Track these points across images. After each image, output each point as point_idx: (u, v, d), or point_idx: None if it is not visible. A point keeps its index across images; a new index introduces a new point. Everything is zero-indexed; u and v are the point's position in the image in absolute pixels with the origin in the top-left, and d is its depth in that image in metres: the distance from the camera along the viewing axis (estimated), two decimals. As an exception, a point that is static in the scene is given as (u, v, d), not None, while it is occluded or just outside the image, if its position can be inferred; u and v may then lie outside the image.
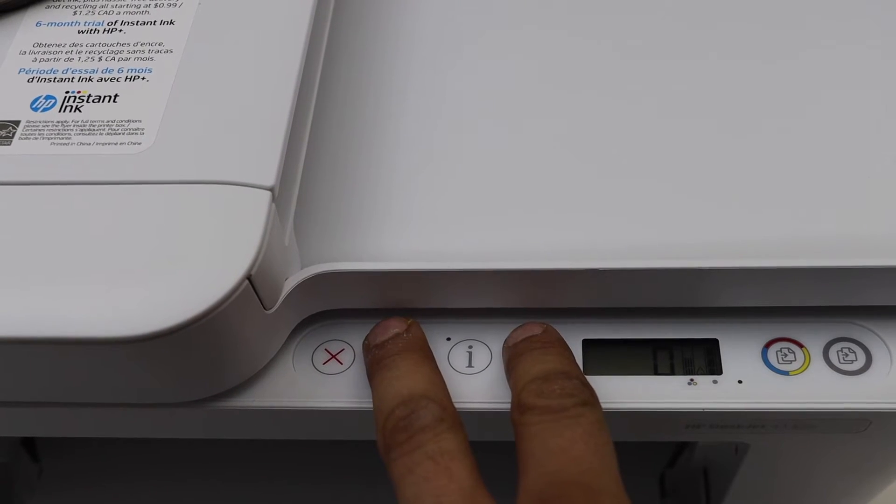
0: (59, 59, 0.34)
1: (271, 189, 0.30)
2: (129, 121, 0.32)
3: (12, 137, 0.32)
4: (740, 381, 0.33)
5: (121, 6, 0.36)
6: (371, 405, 0.32)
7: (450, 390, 0.32)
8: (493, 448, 0.35)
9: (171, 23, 0.35)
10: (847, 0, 0.41)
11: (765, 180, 0.35)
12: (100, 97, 0.33)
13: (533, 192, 0.35)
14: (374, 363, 0.32)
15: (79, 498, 0.53)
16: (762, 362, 0.33)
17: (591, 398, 0.30)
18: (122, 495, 0.52)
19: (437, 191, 0.35)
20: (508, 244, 0.33)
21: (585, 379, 0.31)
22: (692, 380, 0.33)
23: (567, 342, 0.33)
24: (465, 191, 0.35)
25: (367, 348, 0.33)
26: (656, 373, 0.34)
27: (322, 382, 0.34)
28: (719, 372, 0.33)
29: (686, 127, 0.37)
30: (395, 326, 0.33)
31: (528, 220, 0.34)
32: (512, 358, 0.33)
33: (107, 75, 0.33)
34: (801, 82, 0.38)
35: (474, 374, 0.34)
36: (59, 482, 0.53)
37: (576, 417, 0.29)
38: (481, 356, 0.34)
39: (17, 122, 0.32)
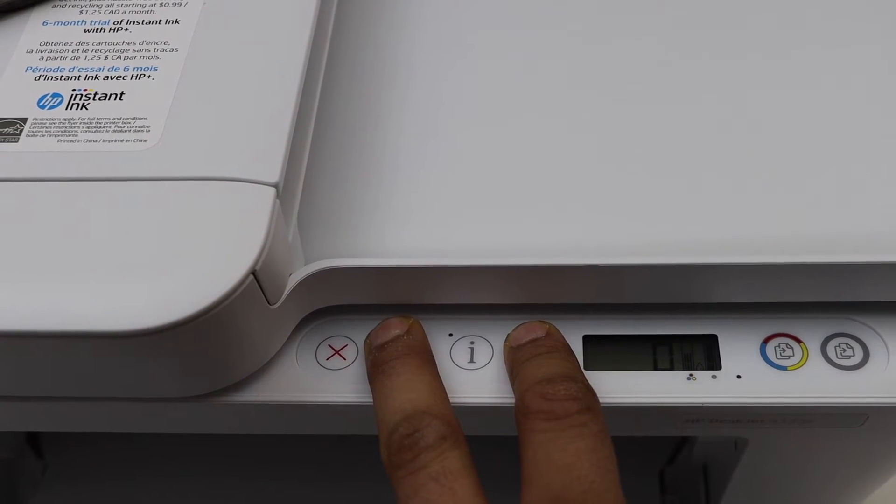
0: (65, 58, 0.34)
1: (276, 185, 0.30)
2: (134, 118, 0.32)
3: (20, 135, 0.32)
4: (739, 377, 0.33)
5: (126, 5, 0.36)
6: (372, 401, 0.32)
7: (452, 386, 0.33)
8: (495, 443, 0.35)
9: (177, 22, 0.35)
10: (848, 0, 0.41)
11: (763, 177, 0.35)
12: (106, 95, 0.33)
13: (534, 188, 0.35)
14: (375, 366, 0.33)
15: (82, 494, 0.53)
16: (761, 357, 0.34)
17: (594, 403, 0.31)
18: (125, 492, 0.53)
19: (440, 187, 0.35)
20: (510, 240, 0.34)
21: (588, 383, 0.31)
22: (691, 375, 0.34)
23: (568, 338, 0.34)
24: (467, 187, 0.35)
25: (368, 349, 0.33)
26: (656, 368, 0.34)
27: (325, 378, 0.34)
28: (718, 367, 0.34)
29: (685, 124, 0.37)
30: (395, 327, 0.33)
31: (530, 216, 0.34)
32: (516, 361, 0.33)
33: (113, 73, 0.34)
34: (799, 80, 0.38)
35: (476, 370, 0.34)
36: (63, 479, 0.53)
37: (579, 427, 0.30)
38: (483, 352, 0.34)
39: (24, 120, 0.33)
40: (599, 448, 0.29)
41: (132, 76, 0.34)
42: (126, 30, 0.35)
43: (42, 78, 0.34)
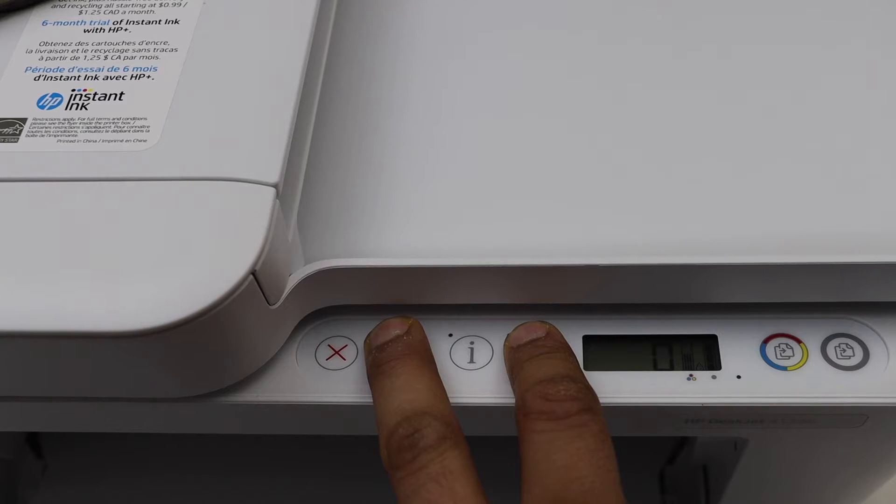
0: (65, 58, 0.34)
1: (275, 186, 0.30)
2: (134, 118, 0.32)
3: (19, 135, 0.32)
4: (739, 377, 0.33)
5: (126, 5, 0.36)
6: (372, 402, 0.32)
7: (452, 386, 0.33)
8: (495, 443, 0.35)
9: (176, 22, 0.35)
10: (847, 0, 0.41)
11: (763, 176, 0.35)
12: (105, 95, 0.33)
13: (534, 189, 0.35)
14: (375, 367, 0.33)
15: (82, 495, 0.53)
16: (761, 358, 0.34)
17: (594, 403, 0.31)
18: (125, 492, 0.53)
19: (440, 187, 0.35)
20: (510, 240, 0.34)
21: (588, 384, 0.31)
22: (691, 375, 0.34)
23: (568, 338, 0.34)
24: (467, 188, 0.35)
25: (368, 349, 0.33)
26: (656, 368, 0.34)
27: (325, 378, 0.34)
28: (718, 367, 0.34)
29: (684, 124, 0.37)
30: (395, 327, 0.33)
31: (530, 216, 0.34)
32: (516, 361, 0.33)
33: (112, 73, 0.34)
34: (799, 79, 0.38)
35: (476, 370, 0.34)
36: (63, 479, 0.53)
37: (579, 427, 0.30)
38: (483, 352, 0.34)
39: (23, 120, 0.33)
40: (600, 448, 0.29)
41: (132, 76, 0.34)
42: (126, 30, 0.35)
43: (42, 78, 0.34)
